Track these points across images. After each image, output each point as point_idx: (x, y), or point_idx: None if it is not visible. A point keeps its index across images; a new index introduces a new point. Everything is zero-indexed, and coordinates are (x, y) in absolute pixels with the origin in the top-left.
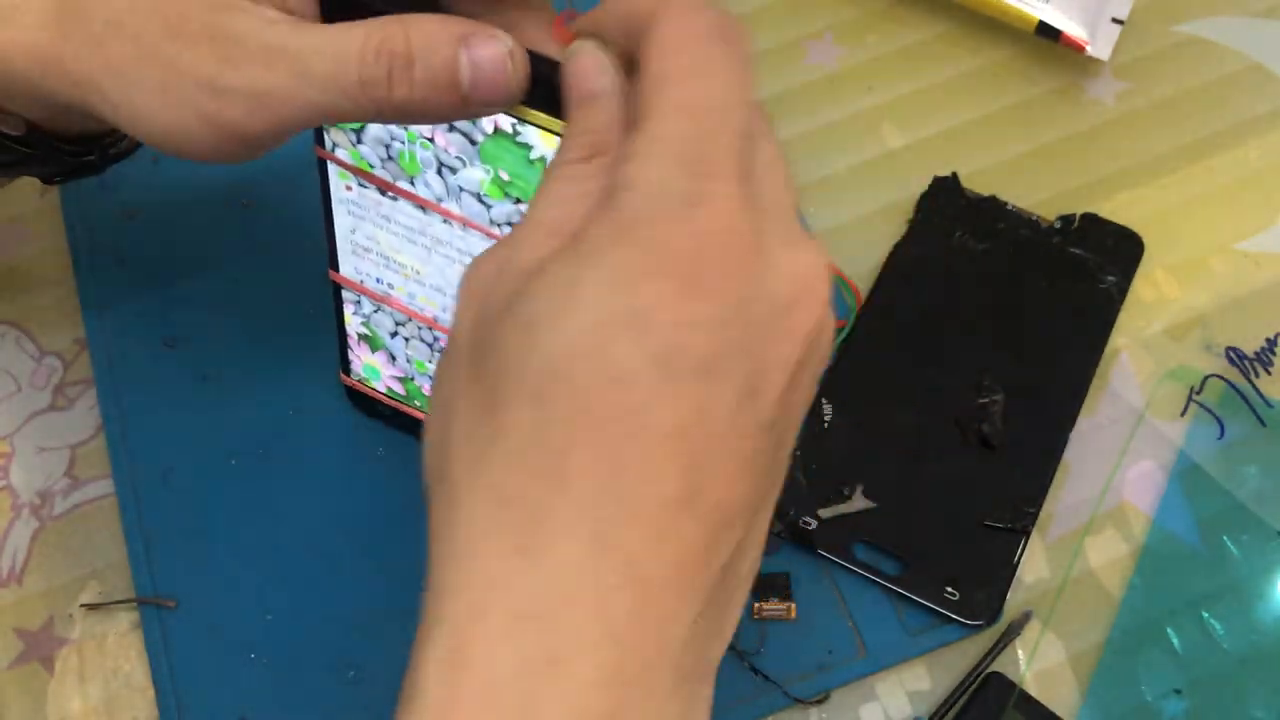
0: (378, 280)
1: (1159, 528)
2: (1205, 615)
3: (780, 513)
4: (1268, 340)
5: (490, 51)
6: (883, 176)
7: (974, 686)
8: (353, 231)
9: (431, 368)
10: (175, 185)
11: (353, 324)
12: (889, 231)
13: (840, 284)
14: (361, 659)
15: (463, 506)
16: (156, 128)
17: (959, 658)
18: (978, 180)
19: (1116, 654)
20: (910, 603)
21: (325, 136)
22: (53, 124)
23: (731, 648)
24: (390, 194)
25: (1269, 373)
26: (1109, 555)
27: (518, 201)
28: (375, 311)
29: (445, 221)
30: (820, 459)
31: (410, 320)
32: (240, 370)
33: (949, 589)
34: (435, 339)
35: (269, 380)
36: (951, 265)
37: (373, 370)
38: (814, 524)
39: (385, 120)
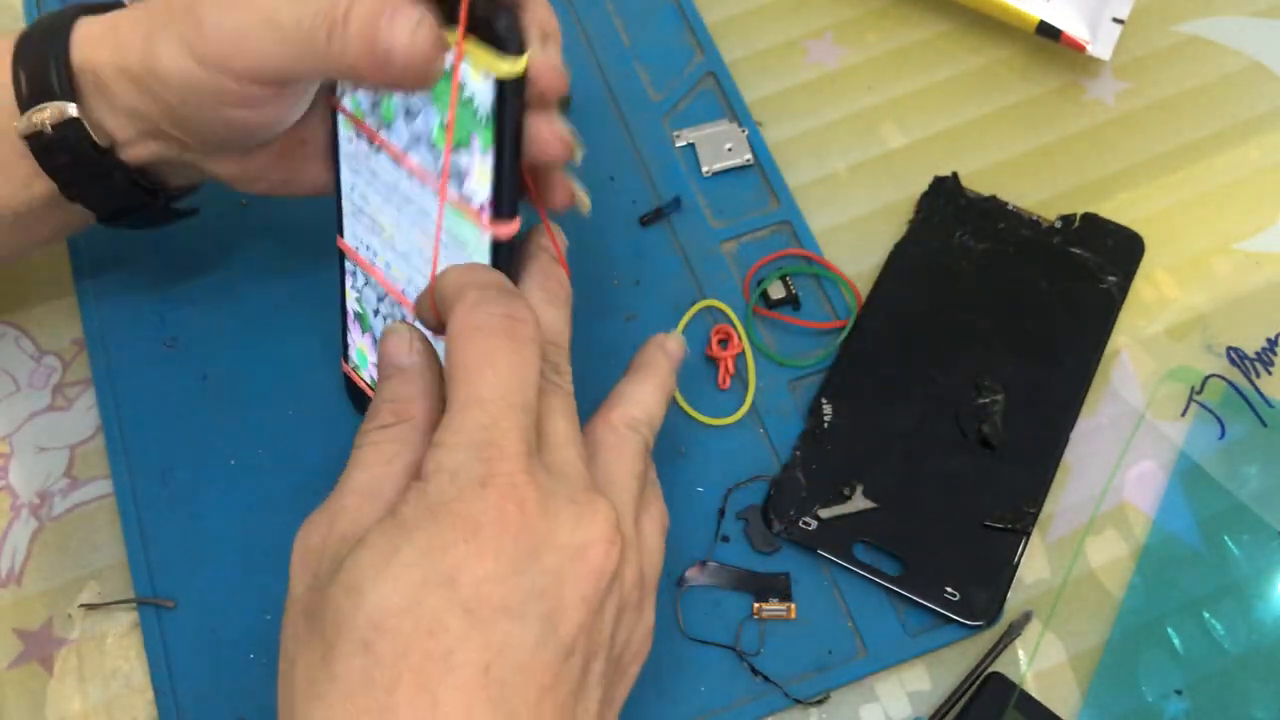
0: (367, 247)
1: (1159, 528)
2: (1206, 615)
3: (780, 513)
4: (1268, 340)
5: (405, 18)
6: (883, 176)
7: (974, 687)
8: (352, 189)
9: None
10: None
11: (350, 299)
12: (889, 231)
13: (840, 284)
14: None
15: None
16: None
17: (959, 658)
18: (978, 180)
19: (1117, 654)
20: (910, 603)
21: (338, 83)
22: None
23: (731, 648)
24: (375, 145)
25: (1269, 373)
26: (1109, 555)
27: (458, 149)
28: (365, 284)
29: (409, 176)
30: (820, 459)
31: (387, 296)
32: (240, 370)
33: (949, 589)
34: (403, 319)
35: (269, 380)
36: (951, 265)
37: (362, 356)
38: (814, 524)
39: (340, 77)
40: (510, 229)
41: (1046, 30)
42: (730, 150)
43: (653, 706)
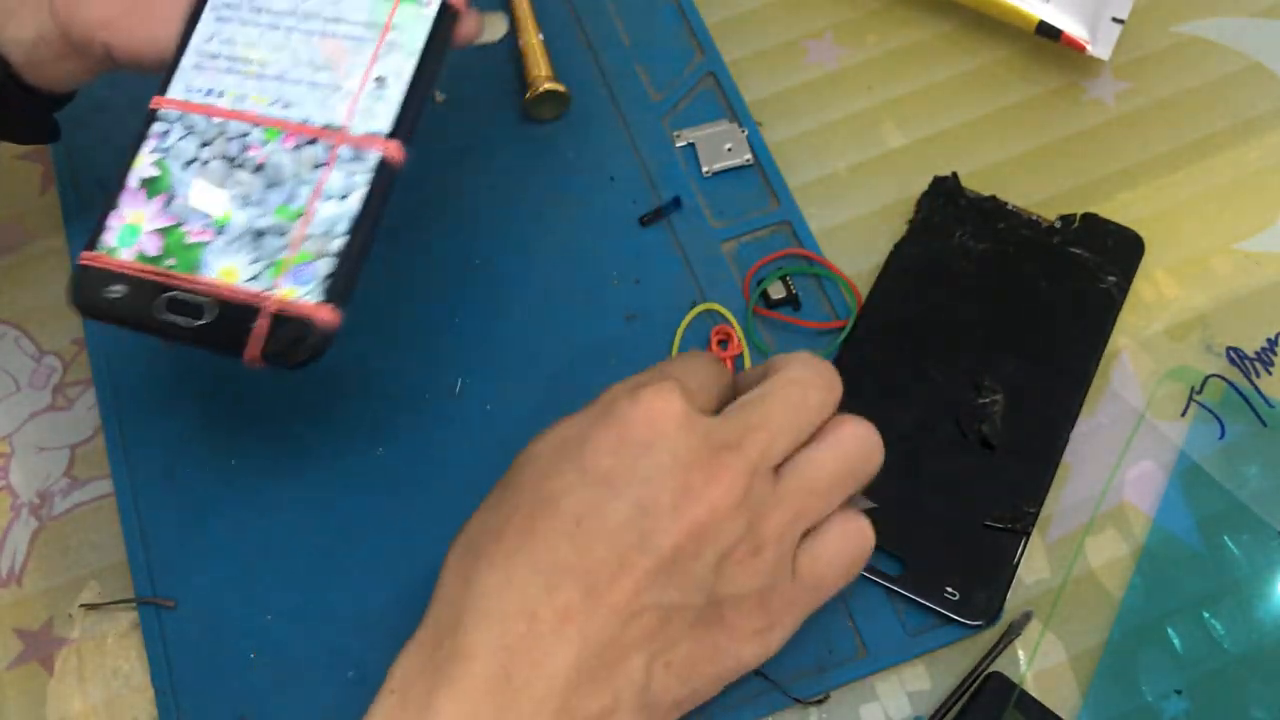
0: (208, 92)
1: (1159, 528)
2: (1206, 615)
3: None
4: (1268, 340)
5: None
6: (883, 176)
7: (974, 687)
8: (209, 40)
9: (220, 195)
10: None
11: (140, 166)
12: (889, 231)
13: (840, 284)
14: (361, 659)
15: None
16: None
17: (959, 658)
18: (978, 180)
19: (1117, 654)
20: (910, 603)
21: None
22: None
23: None
24: None
25: (1270, 373)
26: (1109, 555)
27: None
28: (182, 138)
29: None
30: None
31: (220, 136)
32: (239, 370)
33: (949, 589)
34: (245, 149)
35: (268, 380)
36: (951, 265)
37: (132, 230)
38: None
39: None
40: None
41: (1046, 30)
42: (730, 150)
43: None
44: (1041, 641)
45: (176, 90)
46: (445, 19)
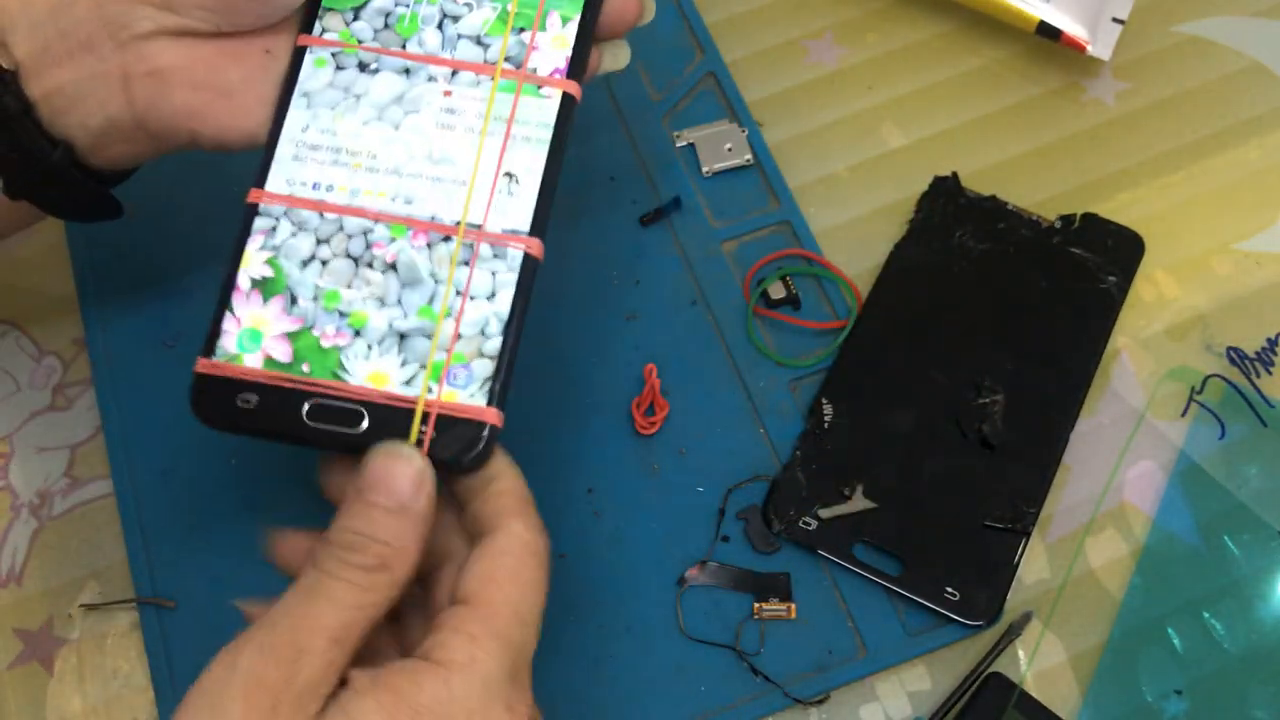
0: (314, 185)
1: (1159, 528)
2: (1206, 615)
3: (780, 513)
4: (1268, 340)
5: None
6: (883, 176)
7: (974, 687)
8: (305, 129)
9: (347, 296)
10: (174, 184)
11: (251, 265)
12: (889, 231)
13: (840, 284)
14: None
15: None
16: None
17: (959, 658)
18: (978, 180)
19: (1117, 654)
20: (910, 603)
21: (316, 23)
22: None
23: (731, 648)
24: (372, 68)
25: (1269, 373)
26: (1109, 555)
27: (520, 31)
28: (293, 235)
29: (431, 79)
30: (820, 459)
31: (339, 232)
32: None
33: (949, 589)
34: (367, 246)
35: None
36: (951, 265)
37: (254, 335)
38: (814, 524)
39: None
40: (580, 87)
41: (1046, 30)
42: (730, 150)
43: (653, 707)
44: (1041, 642)
45: (277, 183)
46: (567, 107)
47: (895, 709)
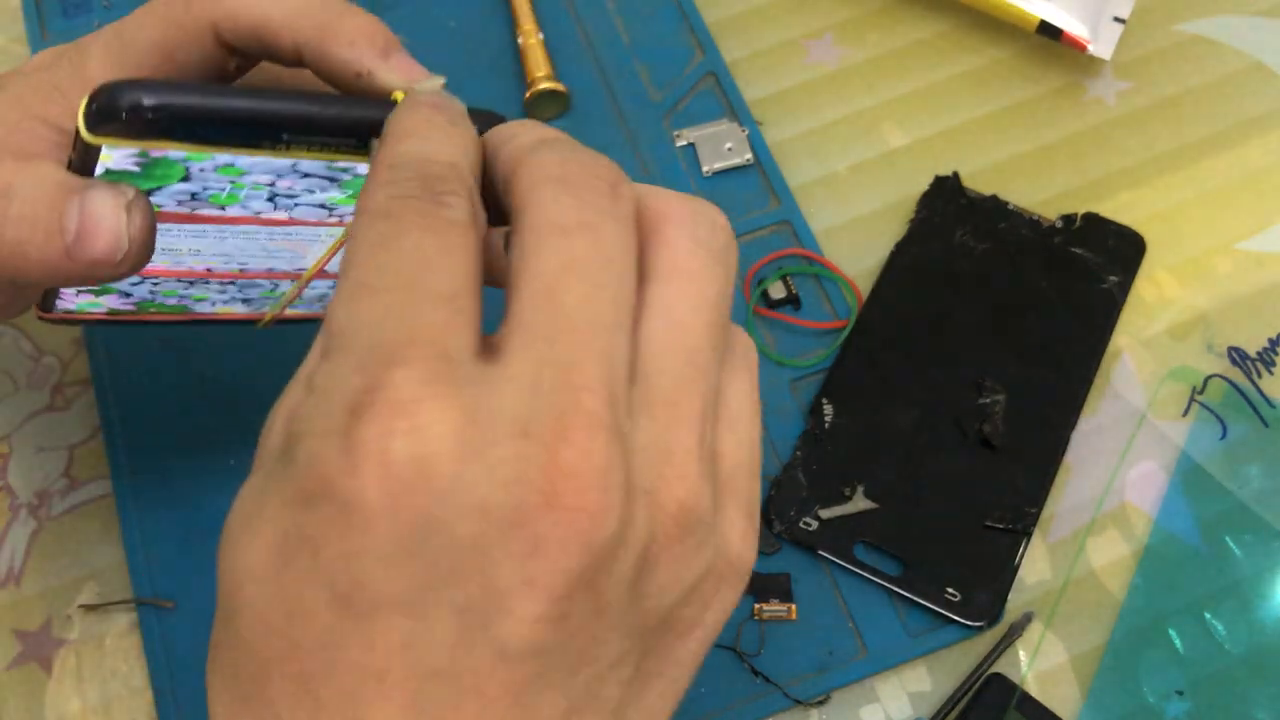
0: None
1: (1161, 528)
2: (1207, 616)
3: (781, 513)
4: (1270, 340)
5: (103, 201)
6: (883, 176)
7: (975, 687)
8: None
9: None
10: None
11: None
12: (889, 231)
13: (841, 284)
14: None
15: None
16: None
17: (960, 659)
18: (978, 180)
19: (1118, 655)
20: (911, 603)
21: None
22: None
23: (731, 648)
24: (197, 224)
25: (1271, 373)
26: (1110, 556)
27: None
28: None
29: (250, 231)
30: (820, 459)
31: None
32: (239, 370)
33: (950, 590)
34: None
35: (269, 380)
36: (952, 265)
37: (92, 304)
38: (814, 524)
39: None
40: None
41: (1047, 30)
42: (730, 150)
43: None
44: (1042, 642)
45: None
46: None
47: (896, 710)
